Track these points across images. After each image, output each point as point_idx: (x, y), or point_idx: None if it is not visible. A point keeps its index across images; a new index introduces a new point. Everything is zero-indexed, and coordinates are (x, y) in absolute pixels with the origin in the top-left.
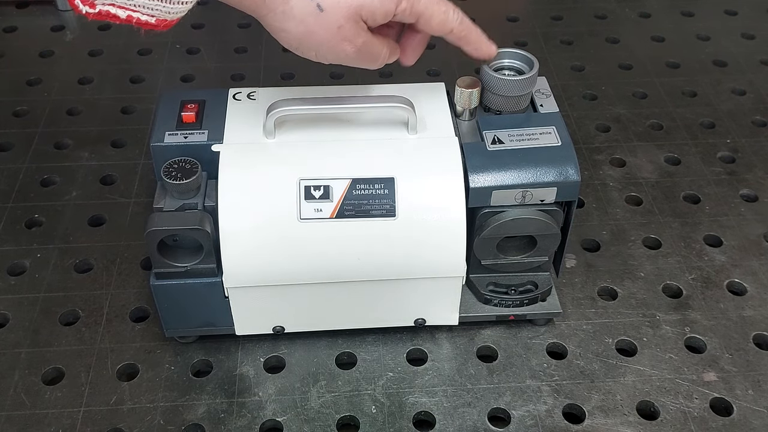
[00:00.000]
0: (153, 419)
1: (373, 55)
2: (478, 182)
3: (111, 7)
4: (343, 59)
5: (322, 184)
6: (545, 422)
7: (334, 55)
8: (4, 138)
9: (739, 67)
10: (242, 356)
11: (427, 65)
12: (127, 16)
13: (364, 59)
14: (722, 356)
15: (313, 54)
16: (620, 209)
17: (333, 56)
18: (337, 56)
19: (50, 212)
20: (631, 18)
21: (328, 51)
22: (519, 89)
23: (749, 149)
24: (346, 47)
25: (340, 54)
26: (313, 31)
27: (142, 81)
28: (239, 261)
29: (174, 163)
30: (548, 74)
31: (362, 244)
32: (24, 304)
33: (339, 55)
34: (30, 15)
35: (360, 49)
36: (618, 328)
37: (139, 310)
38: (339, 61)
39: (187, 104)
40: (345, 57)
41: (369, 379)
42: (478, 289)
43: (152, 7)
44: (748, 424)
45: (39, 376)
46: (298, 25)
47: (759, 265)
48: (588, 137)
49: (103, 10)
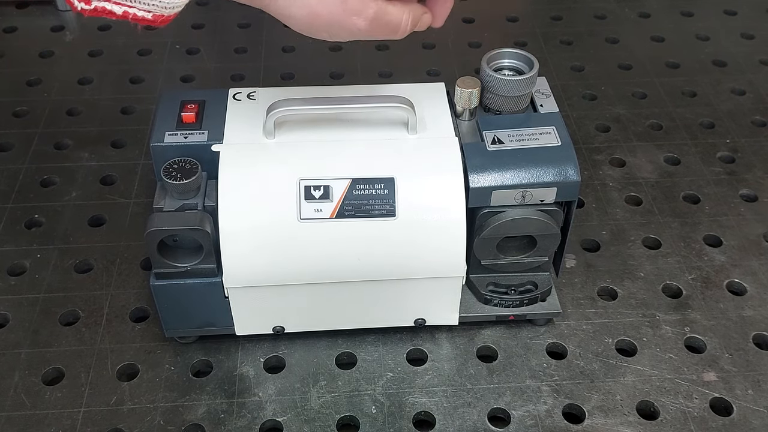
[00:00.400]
0: (153, 419)
1: (391, 24)
2: (478, 182)
3: (107, 3)
4: (358, 35)
5: (322, 184)
6: (545, 422)
7: (347, 32)
8: (4, 138)
9: (738, 67)
10: (242, 356)
11: (427, 65)
12: (123, 12)
13: (382, 31)
14: (722, 356)
15: (326, 35)
16: (620, 209)
17: (347, 33)
18: (351, 33)
19: (50, 212)
20: (630, 18)
21: (339, 29)
22: (519, 89)
23: (749, 149)
24: (357, 22)
25: (353, 30)
26: (317, 12)
27: (142, 81)
28: (239, 261)
29: (174, 163)
30: (548, 74)
31: (362, 244)
32: (24, 305)
33: (352, 30)
34: (30, 15)
35: (372, 21)
36: (618, 328)
37: (139, 311)
38: (355, 36)
39: (187, 104)
40: (359, 32)
41: (369, 379)
42: (478, 289)
43: (148, 3)
44: (748, 424)
45: (39, 376)
46: (301, 8)
47: (759, 265)
48: (588, 137)
49: (98, 6)
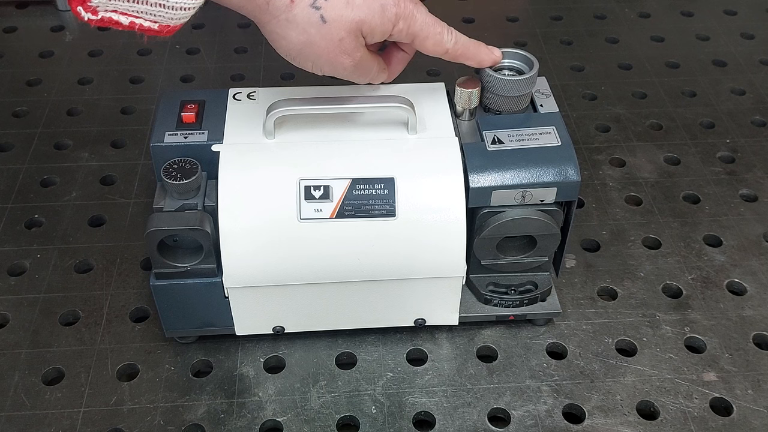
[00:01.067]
0: (153, 419)
1: (367, 69)
2: (478, 182)
3: (114, 14)
4: (340, 72)
5: (322, 184)
6: (545, 422)
7: (331, 67)
8: (4, 138)
9: (738, 67)
10: (242, 356)
11: (427, 65)
12: (130, 22)
13: (359, 74)
14: (722, 356)
15: (309, 65)
16: (620, 209)
17: (330, 68)
18: (334, 68)
19: (50, 212)
20: (630, 18)
21: (326, 62)
22: (519, 89)
23: (749, 149)
24: (344, 60)
25: (338, 67)
26: (314, 41)
27: (142, 81)
28: (239, 261)
29: (174, 164)
30: (548, 74)
31: (362, 244)
32: (24, 305)
33: (336, 67)
34: (30, 15)
35: (357, 64)
36: (618, 328)
37: (139, 311)
38: (335, 73)
39: (187, 104)
40: (342, 70)
41: (369, 380)
42: (478, 289)
43: (155, 13)
44: (748, 424)
45: (39, 376)
46: (300, 34)
47: (759, 265)
48: (588, 137)
49: (105, 17)
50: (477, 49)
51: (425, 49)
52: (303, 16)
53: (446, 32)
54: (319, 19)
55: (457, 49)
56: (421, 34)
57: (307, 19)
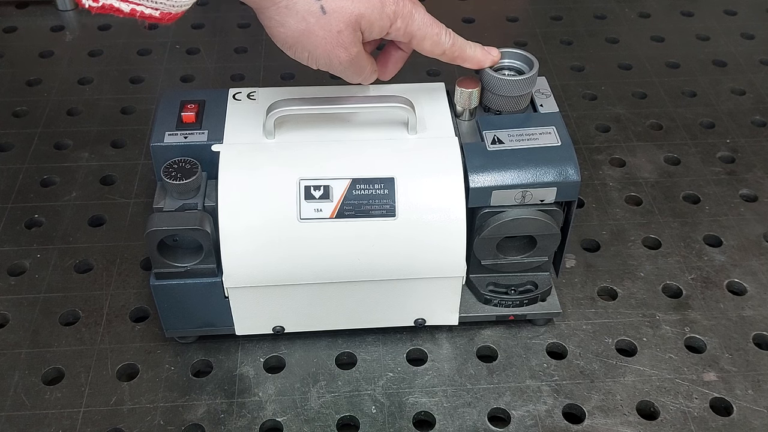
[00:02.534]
0: (153, 419)
1: (361, 67)
2: (478, 182)
3: (114, 0)
4: (335, 66)
5: (322, 184)
6: (545, 422)
7: (326, 59)
8: (4, 138)
9: (738, 67)
10: (242, 356)
11: (427, 65)
12: (131, 9)
13: (353, 70)
14: (722, 356)
15: (305, 55)
16: (620, 209)
17: (325, 61)
18: (329, 61)
19: (50, 212)
20: (630, 18)
21: (322, 54)
22: (519, 89)
23: (749, 149)
24: (340, 53)
25: (333, 60)
26: (312, 30)
27: (142, 81)
28: (239, 261)
29: (174, 163)
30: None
31: (362, 244)
32: (24, 305)
33: (332, 60)
34: (30, 15)
35: (352, 59)
36: (618, 328)
37: (139, 311)
38: (329, 67)
39: (187, 104)
40: (337, 64)
41: (369, 379)
42: (478, 289)
43: (156, 0)
44: (748, 424)
45: (39, 376)
46: (299, 22)
47: (759, 265)
48: (588, 137)
49: (106, 3)
50: (474, 51)
51: (422, 50)
52: (303, 5)
53: (444, 33)
54: (320, 9)
55: (454, 51)
56: (419, 34)
57: (307, 8)
